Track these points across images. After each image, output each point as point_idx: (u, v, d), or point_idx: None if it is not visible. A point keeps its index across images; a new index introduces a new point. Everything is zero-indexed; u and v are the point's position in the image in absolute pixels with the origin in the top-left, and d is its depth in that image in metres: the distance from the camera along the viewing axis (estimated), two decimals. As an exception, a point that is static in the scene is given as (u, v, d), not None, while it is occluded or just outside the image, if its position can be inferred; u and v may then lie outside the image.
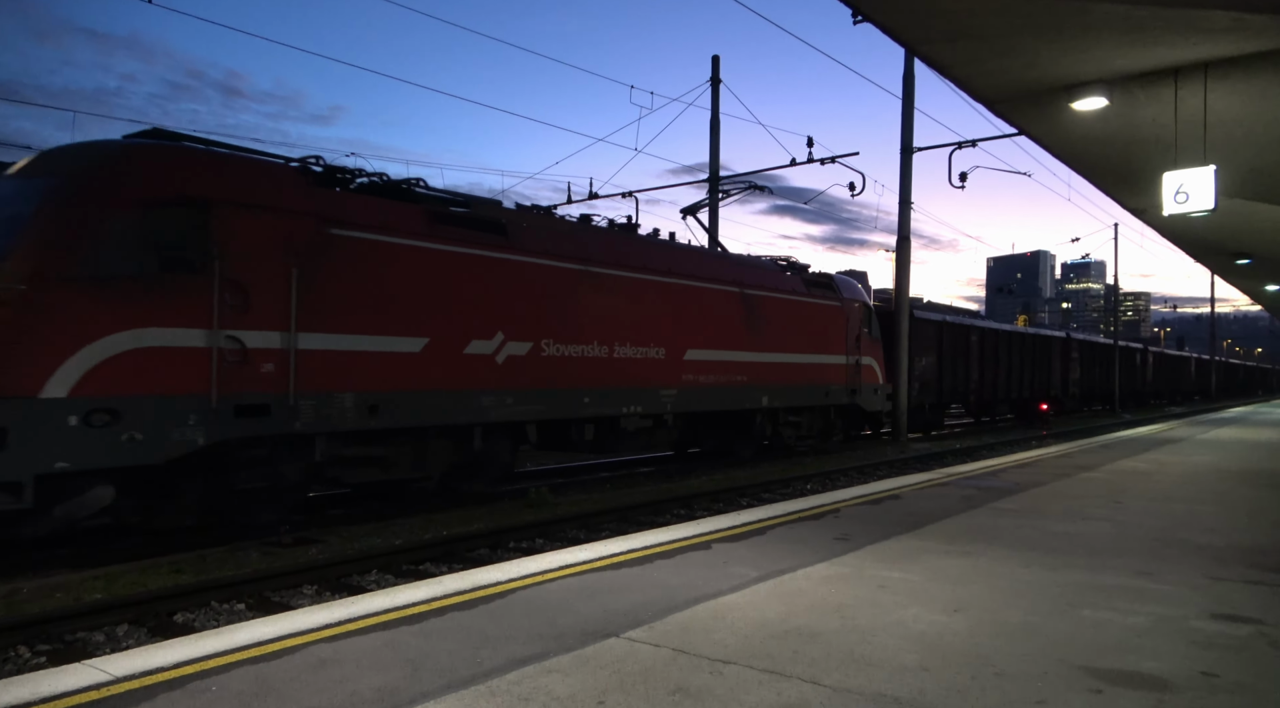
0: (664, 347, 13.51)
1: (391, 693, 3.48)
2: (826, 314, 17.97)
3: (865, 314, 19.45)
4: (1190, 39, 8.01)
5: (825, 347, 17.77)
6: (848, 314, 18.65)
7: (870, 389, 19.62)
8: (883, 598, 4.98)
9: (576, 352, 12.00)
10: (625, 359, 12.78)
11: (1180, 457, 14.25)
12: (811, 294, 17.61)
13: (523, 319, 11.20)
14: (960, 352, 26.40)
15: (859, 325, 19.04)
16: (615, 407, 12.59)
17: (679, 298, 14.01)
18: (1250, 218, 15.72)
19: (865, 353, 19.29)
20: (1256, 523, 7.72)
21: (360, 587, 7.51)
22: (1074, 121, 10.54)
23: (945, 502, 8.81)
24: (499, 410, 10.84)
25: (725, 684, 3.60)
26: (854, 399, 18.86)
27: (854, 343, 18.77)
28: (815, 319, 17.54)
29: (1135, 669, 3.83)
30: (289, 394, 8.69)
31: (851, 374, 18.72)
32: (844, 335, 18.44)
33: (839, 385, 18.29)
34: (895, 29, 8.27)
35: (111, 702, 3.37)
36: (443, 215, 10.52)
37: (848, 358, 18.55)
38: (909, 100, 21.57)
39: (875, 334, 19.96)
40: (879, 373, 20.03)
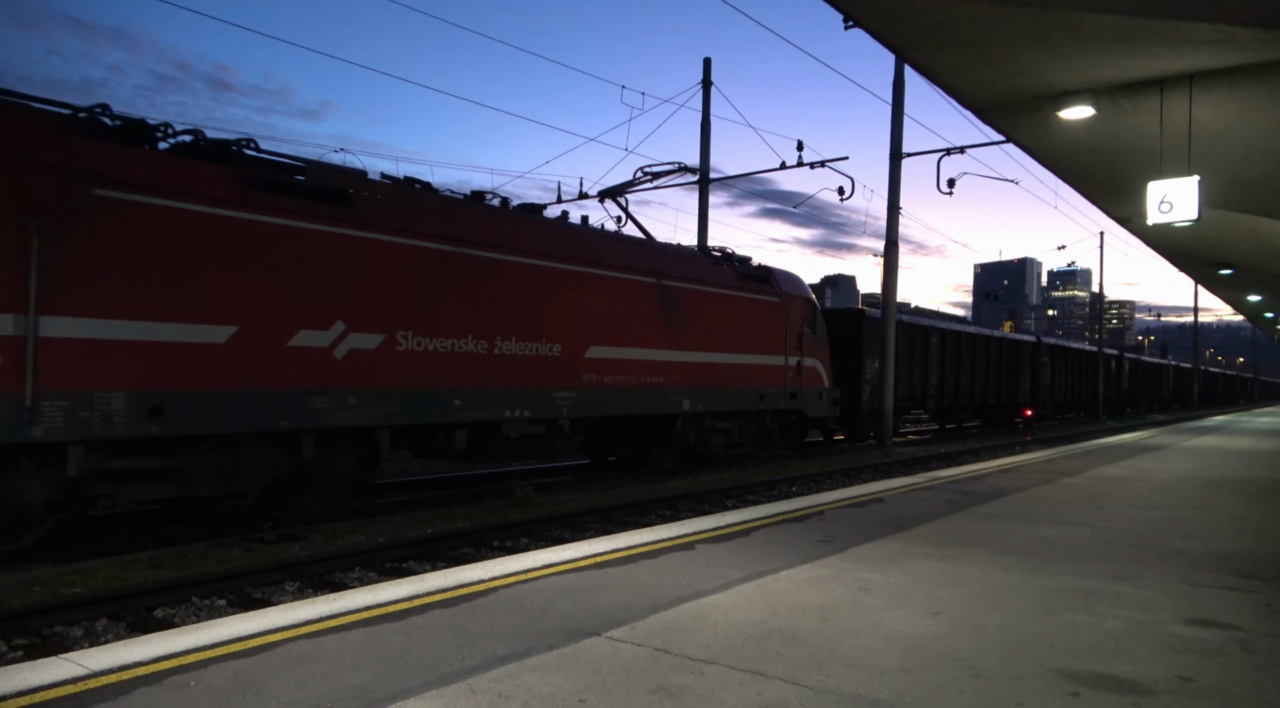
0: (560, 343, 11.98)
1: (371, 690, 3.47)
2: (762, 310, 16.35)
3: (808, 312, 17.93)
4: (1176, 50, 8.09)
5: (760, 346, 16.22)
6: (787, 311, 17.06)
7: (814, 393, 18.05)
8: (865, 600, 5.00)
9: (445, 346, 10.41)
10: (510, 356, 11.22)
11: (1161, 464, 14.38)
12: (744, 288, 15.97)
13: (372, 307, 9.62)
14: (918, 354, 24.79)
15: (800, 324, 17.47)
16: (495, 410, 11.01)
17: (581, 288, 12.41)
18: (1233, 228, 15.90)
19: (808, 354, 17.79)
20: (1234, 530, 7.80)
21: (343, 584, 7.49)
22: (1061, 130, 10.63)
23: (928, 505, 8.86)
24: (337, 414, 9.25)
25: (706, 684, 3.61)
26: (794, 404, 17.33)
27: (794, 343, 17.24)
28: (748, 316, 15.94)
29: (1112, 673, 3.86)
30: (24, 393, 7.04)
31: (791, 376, 17.20)
32: (783, 334, 16.87)
33: (776, 388, 16.71)
34: (885, 35, 8.31)
35: (87, 697, 3.35)
36: (262, 181, 8.82)
37: (787, 359, 16.97)
38: (899, 106, 21.68)
39: (820, 334, 18.45)
40: (824, 376, 18.56)
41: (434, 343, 10.32)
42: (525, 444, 11.93)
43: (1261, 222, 14.76)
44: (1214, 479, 12.12)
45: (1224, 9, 6.89)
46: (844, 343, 20.97)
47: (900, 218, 22.17)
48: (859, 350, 21.48)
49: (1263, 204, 13.61)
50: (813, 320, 18.01)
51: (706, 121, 23.95)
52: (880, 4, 7.56)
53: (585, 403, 12.42)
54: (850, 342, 21.33)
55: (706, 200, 24.43)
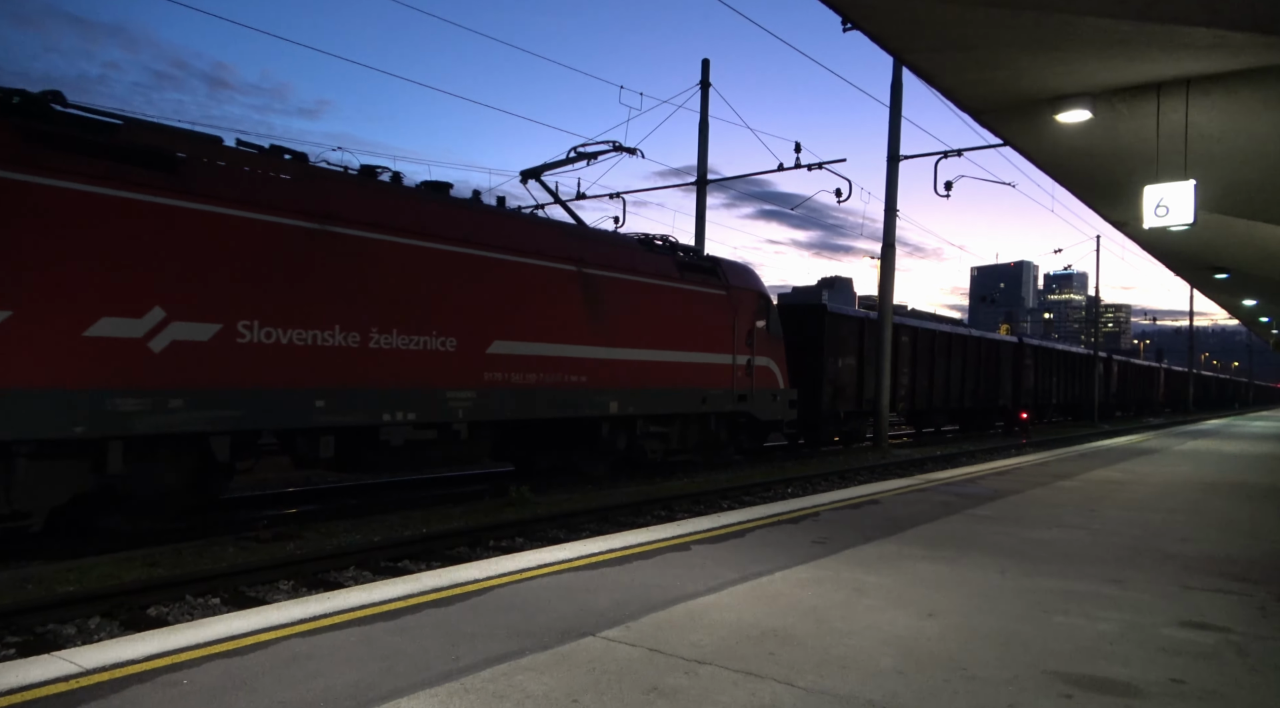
0: (456, 337, 10.59)
1: (365, 689, 3.47)
2: (706, 304, 15.02)
3: (762, 307, 16.60)
4: (1173, 55, 8.11)
5: (703, 343, 14.86)
6: (736, 306, 15.74)
7: (767, 395, 16.62)
8: (859, 601, 5.01)
9: (305, 339, 9.04)
10: (390, 352, 9.84)
11: (1156, 467, 14.41)
12: (685, 279, 14.61)
13: (205, 292, 8.26)
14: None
15: (751, 319, 16.12)
16: (370, 413, 9.64)
17: (482, 275, 11.00)
18: (1228, 233, 15.95)
19: (761, 352, 16.42)
20: (1228, 534, 7.82)
21: (337, 583, 7.48)
22: (1058, 133, 10.65)
23: (923, 507, 8.87)
24: (154, 418, 7.86)
25: (700, 685, 3.61)
26: (744, 406, 15.91)
27: (744, 339, 15.88)
28: (689, 309, 14.60)
29: (1105, 675, 3.87)
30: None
31: (740, 377, 15.78)
32: (730, 330, 15.52)
33: (722, 390, 15.32)
34: (884, 37, 8.32)
35: (80, 694, 3.34)
36: (54, 137, 7.50)
37: (735, 357, 15.57)
38: (896, 108, 21.71)
39: (775, 331, 17.09)
40: (779, 376, 17.12)
41: (289, 335, 8.93)
42: (412, 452, 10.53)
43: (1257, 226, 14.80)
44: (1208, 483, 12.15)
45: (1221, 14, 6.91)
46: (803, 341, 19.82)
47: (897, 220, 22.22)
48: (819, 348, 20.20)
49: (1258, 209, 13.65)
50: (766, 316, 16.71)
51: (705, 123, 23.97)
52: (879, 6, 7.58)
53: (488, 405, 10.99)
54: (810, 339, 20.12)
55: (704, 202, 24.45)
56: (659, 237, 15.42)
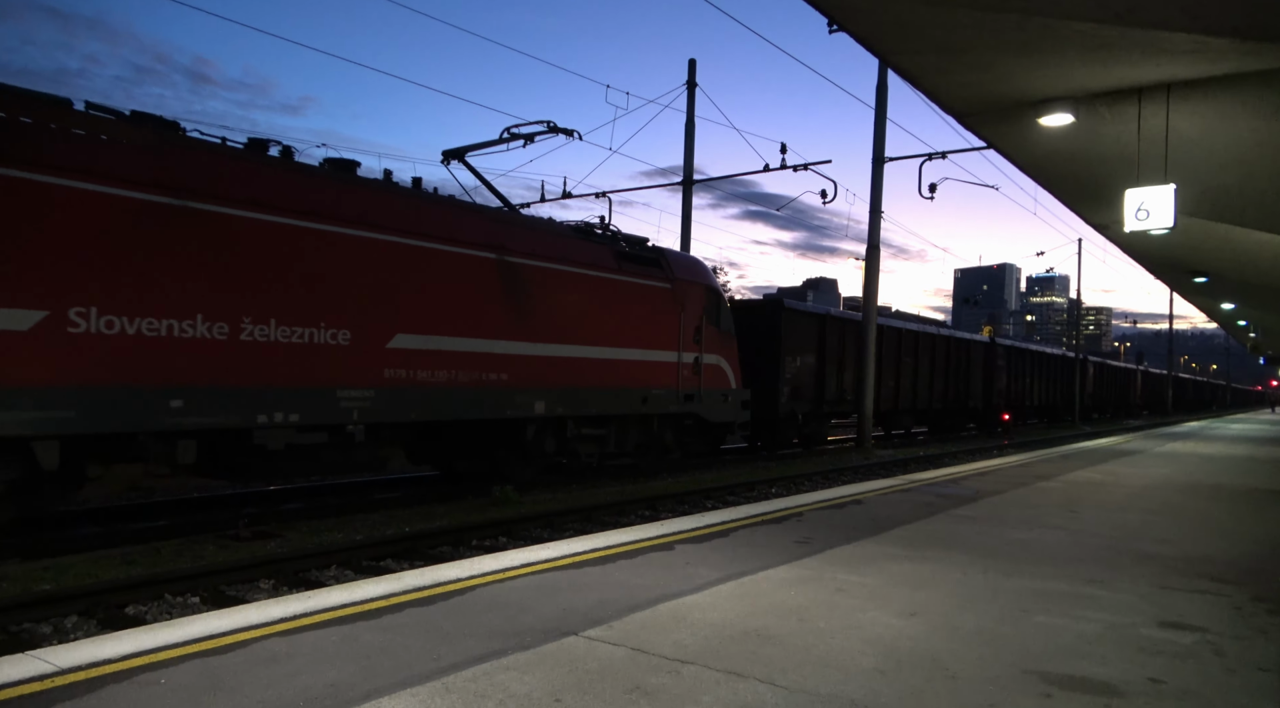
0: (350, 329, 9.52)
1: (345, 689, 3.44)
2: (648, 298, 13.95)
3: (711, 303, 15.57)
4: (1154, 60, 8.19)
5: (644, 339, 13.84)
6: (682, 300, 14.71)
7: (717, 395, 15.65)
8: (841, 601, 5.02)
9: (156, 329, 7.97)
10: (266, 345, 8.76)
11: (1136, 469, 14.56)
12: (624, 271, 13.53)
13: (21, 274, 7.19)
14: (849, 351, 22.12)
15: (699, 315, 15.12)
16: (242, 414, 8.57)
17: (381, 261, 9.93)
18: (1207, 237, 16.13)
19: (710, 350, 15.45)
20: (1206, 534, 7.91)
21: (319, 582, 7.43)
22: (1041, 137, 10.74)
23: (906, 508, 8.92)
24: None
25: (682, 684, 3.61)
26: (690, 407, 14.94)
27: (691, 336, 14.89)
28: (629, 303, 13.56)
29: (1085, 675, 3.90)
30: None
31: (687, 376, 14.78)
32: (675, 326, 14.51)
33: (665, 389, 14.29)
34: (869, 39, 8.36)
35: (55, 694, 3.30)
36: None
37: (680, 355, 14.56)
38: (881, 111, 21.82)
39: (727, 328, 16.09)
40: (730, 375, 16.13)
41: (138, 324, 7.85)
42: (296, 457, 9.50)
43: (1235, 230, 14.98)
44: (1186, 484, 12.28)
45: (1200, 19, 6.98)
46: (759, 338, 18.92)
47: (882, 222, 22.33)
48: (776, 347, 19.22)
49: (1237, 213, 13.81)
50: (716, 311, 15.72)
51: (691, 123, 24.00)
52: (864, 9, 7.61)
53: (390, 405, 9.94)
54: (767, 337, 19.16)
55: (690, 202, 24.47)
56: (600, 225, 14.30)
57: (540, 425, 12.49)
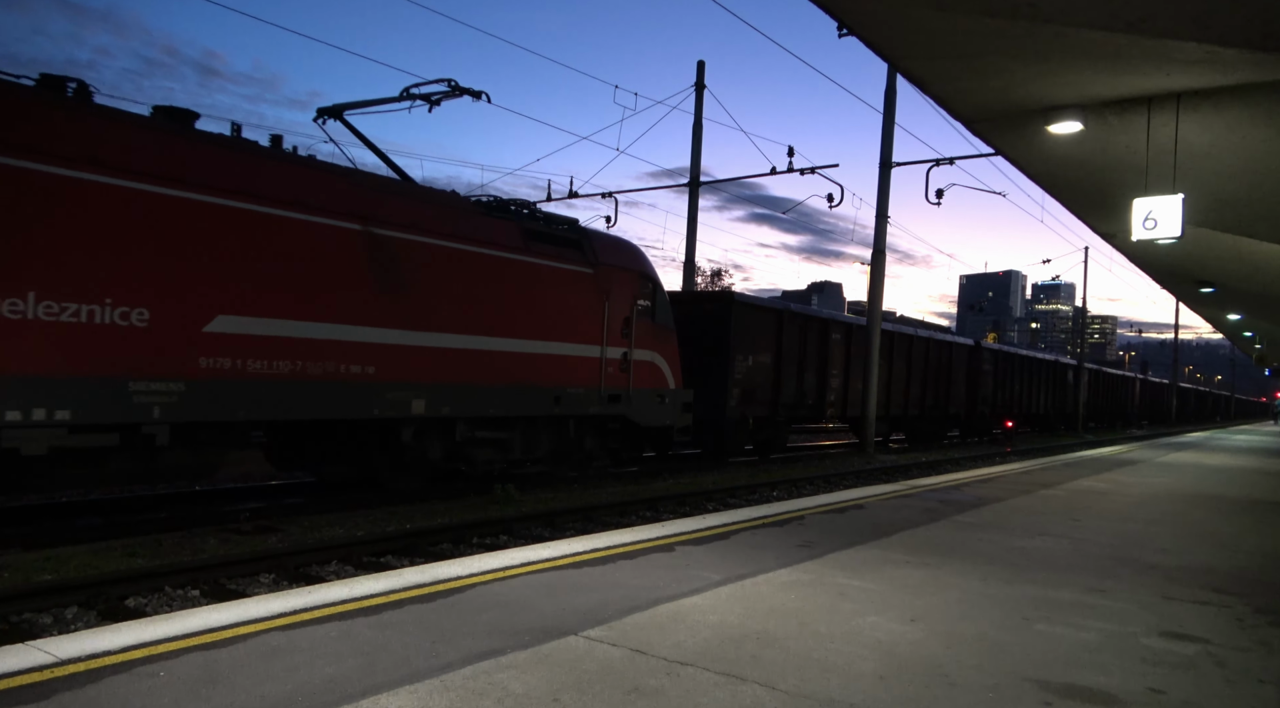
0: (147, 306, 7.87)
1: (344, 684, 3.44)
2: (565, 284, 12.34)
3: (645, 292, 13.92)
4: (1164, 69, 8.17)
5: (558, 330, 12.22)
6: (608, 288, 13.06)
7: (650, 396, 13.93)
8: (842, 606, 5.01)
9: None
10: (22, 324, 7.09)
11: (1138, 478, 14.52)
12: (535, 252, 11.84)
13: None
14: (812, 353, 20.32)
15: (630, 305, 13.48)
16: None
17: (196, 226, 8.26)
18: (1215, 247, 16.09)
19: (643, 345, 13.79)
20: (1208, 545, 7.88)
21: (319, 577, 7.44)
22: (1049, 144, 10.71)
23: (908, 513, 8.90)
24: None
25: (681, 686, 3.60)
26: (617, 408, 13.28)
27: (619, 329, 13.29)
28: (538, 289, 11.90)
29: (1085, 684, 3.89)
30: None
31: (613, 373, 13.18)
32: (599, 317, 12.88)
33: (586, 388, 12.66)
34: (878, 44, 8.35)
35: (55, 685, 3.30)
36: None
37: (605, 350, 12.95)
38: (890, 115, 21.80)
39: (664, 321, 14.37)
40: (668, 375, 14.38)
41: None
42: (69, 465, 7.84)
43: (1243, 241, 14.93)
44: (1189, 494, 12.25)
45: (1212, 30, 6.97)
46: (706, 335, 17.37)
47: (888, 227, 22.31)
48: (725, 345, 17.45)
49: (1245, 224, 13.78)
50: (651, 302, 14.05)
51: (699, 124, 24.01)
52: (875, 13, 7.60)
53: (208, 401, 8.29)
54: (715, 334, 17.52)
55: (696, 203, 24.48)
56: (514, 201, 12.56)
57: (421, 427, 10.75)
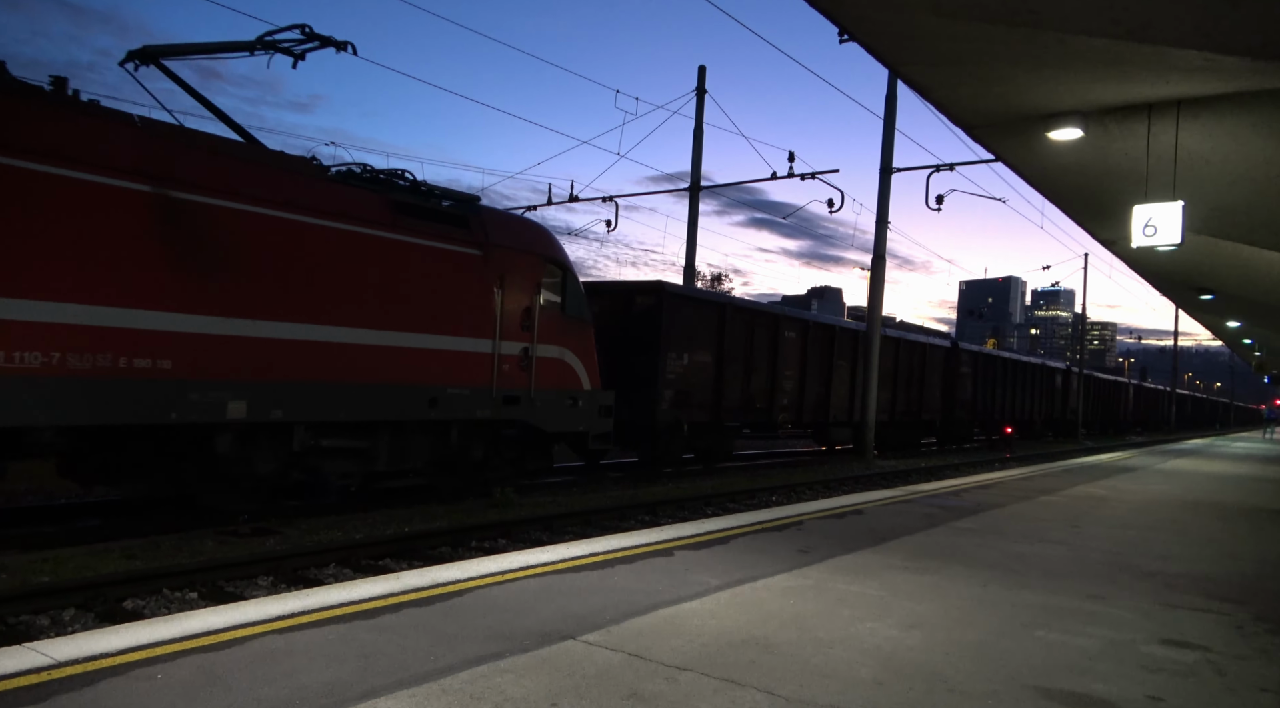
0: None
1: (342, 688, 3.43)
2: (443, 266, 10.50)
3: (551, 279, 12.11)
4: (1164, 76, 8.19)
5: (434, 320, 10.40)
6: (501, 273, 11.21)
7: (558, 397, 12.19)
8: (841, 611, 5.00)
9: None
10: None
11: (1137, 485, 14.51)
12: (402, 227, 10.04)
13: None
14: (762, 352, 18.32)
15: (532, 294, 11.68)
16: None
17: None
18: (1214, 254, 16.10)
19: (549, 339, 12.00)
20: (1208, 552, 7.87)
21: (317, 580, 7.42)
22: (1049, 151, 10.72)
23: (907, 519, 8.89)
24: None
25: (680, 691, 3.59)
26: (515, 412, 11.53)
27: (519, 321, 11.48)
28: (408, 271, 10.12)
29: (1085, 691, 3.88)
30: None
31: (510, 371, 11.38)
32: (490, 306, 11.08)
33: (474, 389, 10.87)
34: (879, 49, 8.36)
35: (52, 687, 3.29)
36: None
37: (500, 344, 11.18)
38: (890, 121, 21.83)
39: (578, 313, 12.61)
40: (582, 374, 12.64)
41: None
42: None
43: (1242, 248, 14.95)
44: (1189, 501, 12.24)
45: (1213, 37, 6.98)
46: (633, 330, 15.52)
47: (888, 232, 22.32)
48: (656, 341, 15.41)
49: (1244, 231, 13.79)
50: (560, 291, 12.24)
51: (699, 129, 24.03)
52: (876, 19, 7.61)
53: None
54: (643, 329, 15.56)
55: (696, 208, 24.50)
56: (389, 170, 10.80)
57: (243, 435, 8.97)
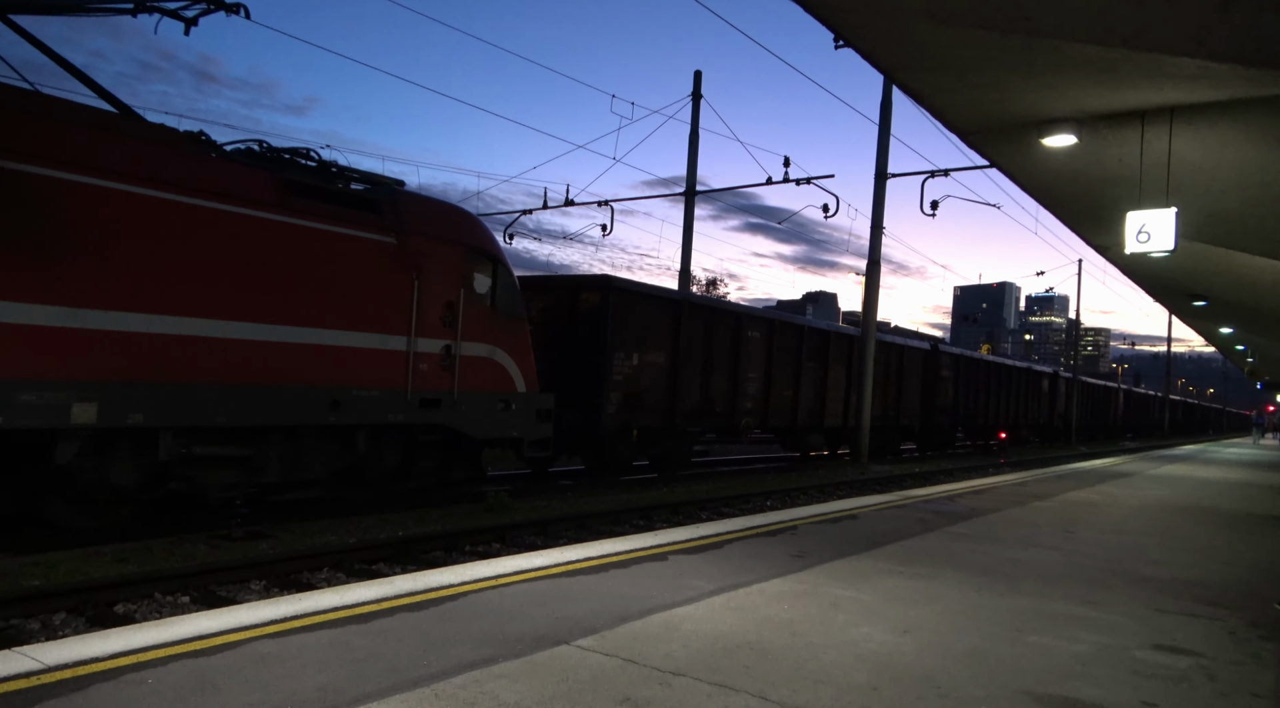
0: None
1: (334, 692, 3.42)
2: (346, 253, 9.55)
3: (480, 271, 11.18)
4: (1157, 83, 8.23)
5: (337, 314, 9.46)
6: (420, 263, 10.30)
7: (489, 401, 11.27)
8: (835, 616, 5.00)
9: None
10: None
11: (1131, 490, 14.54)
12: (296, 211, 9.08)
13: None
14: (722, 352, 17.38)
15: (457, 286, 10.76)
16: None
17: None
18: (1207, 261, 16.16)
19: (476, 337, 11.07)
20: (1201, 558, 7.89)
21: (310, 584, 7.39)
22: (1043, 157, 10.76)
23: (901, 524, 8.90)
24: None
25: (673, 696, 3.58)
26: (436, 416, 10.61)
27: (439, 316, 10.58)
28: (305, 259, 9.15)
29: (1077, 697, 3.88)
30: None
31: (430, 371, 10.47)
32: (406, 299, 10.15)
33: (385, 390, 9.95)
34: (874, 55, 8.38)
35: (41, 692, 3.27)
36: None
37: (415, 341, 10.25)
38: (885, 127, 21.90)
39: (510, 309, 11.65)
40: (516, 375, 11.70)
41: None
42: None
43: (1235, 255, 15.01)
44: (1182, 507, 12.27)
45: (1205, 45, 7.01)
46: (577, 328, 14.72)
47: (883, 237, 22.38)
48: (602, 340, 14.49)
49: (1237, 238, 13.85)
50: (489, 285, 11.31)
51: (695, 134, 24.08)
52: (871, 25, 7.63)
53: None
54: (590, 327, 14.64)
55: (692, 212, 24.54)
56: (291, 148, 9.86)
57: (94, 443, 8.00)
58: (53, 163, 7.45)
